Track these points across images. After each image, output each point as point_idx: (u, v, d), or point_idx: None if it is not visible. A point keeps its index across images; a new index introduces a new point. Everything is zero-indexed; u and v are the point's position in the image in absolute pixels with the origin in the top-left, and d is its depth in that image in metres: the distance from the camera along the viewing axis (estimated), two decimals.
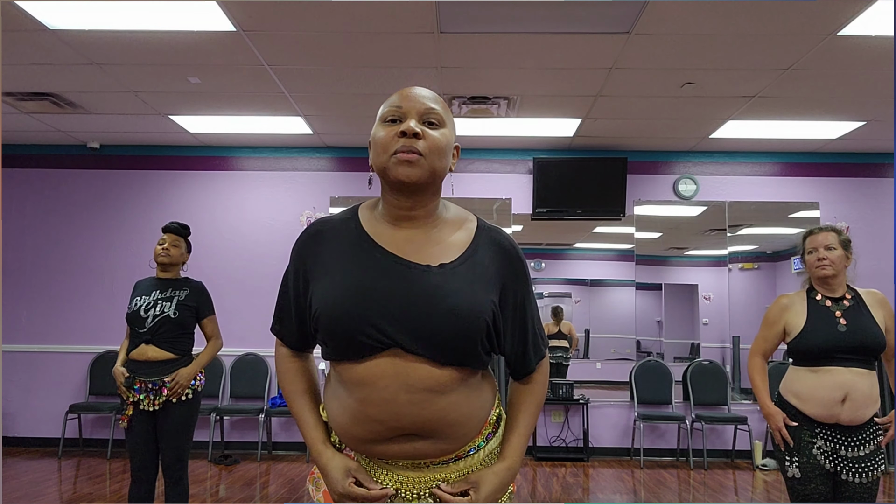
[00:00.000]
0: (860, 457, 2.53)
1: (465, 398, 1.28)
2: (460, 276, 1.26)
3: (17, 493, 4.68)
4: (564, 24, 3.82)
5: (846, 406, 2.50)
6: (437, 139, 1.27)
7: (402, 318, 1.22)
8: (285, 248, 6.31)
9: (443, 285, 1.24)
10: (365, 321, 1.22)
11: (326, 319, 1.26)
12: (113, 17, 3.81)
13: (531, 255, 6.54)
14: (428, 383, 1.23)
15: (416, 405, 1.23)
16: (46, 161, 6.46)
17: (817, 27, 3.78)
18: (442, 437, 1.27)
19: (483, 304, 1.26)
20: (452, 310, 1.22)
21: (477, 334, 1.24)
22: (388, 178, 1.27)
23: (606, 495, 5.05)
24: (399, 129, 1.25)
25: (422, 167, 1.25)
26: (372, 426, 1.25)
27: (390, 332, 1.22)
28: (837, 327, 2.55)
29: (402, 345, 1.22)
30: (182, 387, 3.28)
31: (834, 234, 2.65)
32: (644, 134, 5.94)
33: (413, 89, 1.31)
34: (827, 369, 2.54)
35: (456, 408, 1.26)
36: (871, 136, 5.80)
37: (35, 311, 6.30)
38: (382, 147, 1.27)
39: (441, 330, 1.21)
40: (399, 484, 1.30)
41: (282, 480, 5.22)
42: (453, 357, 1.24)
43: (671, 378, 6.23)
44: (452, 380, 1.25)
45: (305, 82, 4.75)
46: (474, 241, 1.32)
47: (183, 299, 3.37)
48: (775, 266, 6.60)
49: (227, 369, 6.21)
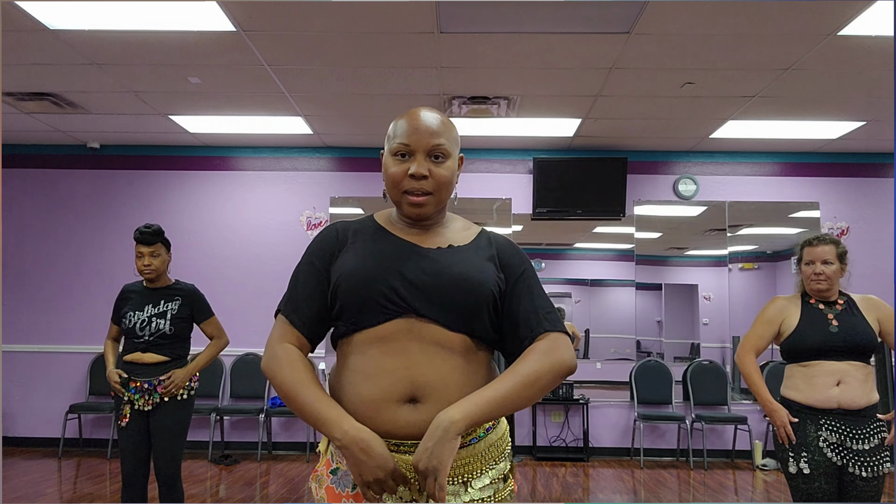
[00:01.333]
0: (866, 450, 2.57)
1: (469, 367, 1.35)
2: (466, 252, 1.42)
3: (17, 493, 4.68)
4: (564, 24, 3.82)
5: (841, 388, 2.58)
6: (443, 175, 1.40)
7: (417, 283, 1.34)
8: (285, 248, 6.30)
9: (452, 259, 1.39)
10: (384, 283, 1.34)
11: (347, 284, 1.36)
12: (113, 17, 3.81)
13: (531, 255, 6.48)
14: (439, 339, 1.33)
15: (425, 354, 1.32)
16: (46, 161, 6.46)
17: (817, 27, 3.78)
18: (444, 402, 1.28)
19: (489, 275, 1.39)
20: (462, 275, 1.36)
21: (483, 300, 1.36)
22: (401, 212, 1.44)
23: (606, 495, 5.05)
24: (408, 170, 1.37)
25: (430, 205, 1.40)
26: (385, 378, 1.31)
27: (406, 295, 1.33)
28: (829, 328, 2.64)
29: (417, 308, 1.33)
30: (177, 386, 3.23)
31: (832, 248, 2.70)
32: (644, 134, 5.94)
33: (420, 121, 1.39)
34: (818, 363, 2.64)
35: (462, 372, 1.33)
36: (871, 136, 5.80)
37: (35, 311, 6.30)
38: (394, 183, 1.40)
39: (452, 293, 1.34)
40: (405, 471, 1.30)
41: (282, 480, 5.22)
42: (462, 322, 1.34)
43: (671, 378, 6.23)
44: (460, 345, 1.34)
45: (305, 82, 4.75)
46: (477, 237, 1.48)
47: (176, 311, 3.30)
48: (775, 266, 6.60)
49: (227, 369, 6.21)
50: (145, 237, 3.26)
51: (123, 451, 3.27)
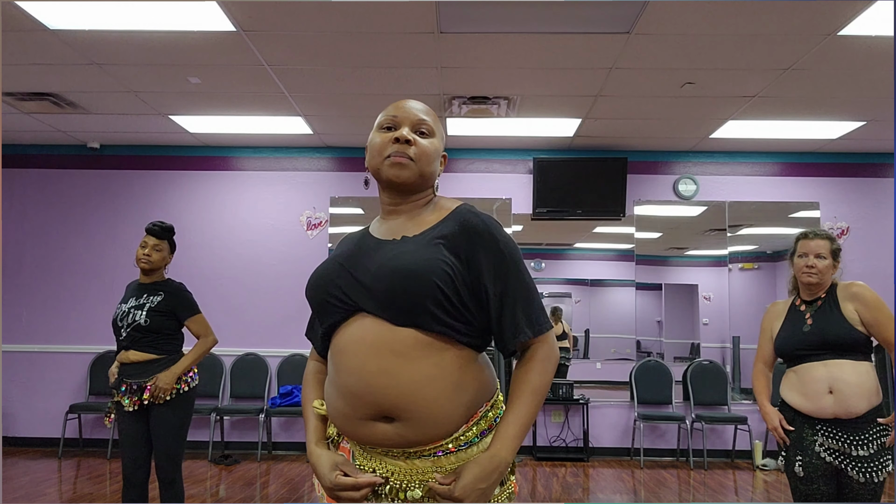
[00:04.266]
0: (864, 456, 2.53)
1: (439, 375, 1.29)
2: (413, 243, 1.36)
3: (17, 493, 4.68)
4: (564, 24, 3.82)
5: (834, 398, 2.54)
6: (427, 147, 1.42)
7: (361, 280, 1.35)
8: (285, 247, 6.31)
9: (396, 251, 1.35)
10: (331, 284, 1.38)
11: (308, 289, 1.44)
12: (113, 17, 3.81)
13: (531, 255, 6.54)
14: (391, 345, 1.29)
15: (385, 374, 1.28)
16: (46, 161, 6.46)
17: (817, 27, 3.78)
18: (418, 418, 1.28)
19: (430, 264, 1.30)
20: (397, 268, 1.31)
21: (422, 290, 1.28)
22: (381, 177, 1.42)
23: (606, 495, 5.05)
24: (393, 135, 1.41)
25: (411, 170, 1.39)
26: (351, 400, 1.32)
27: (351, 294, 1.35)
28: (803, 328, 2.64)
29: (363, 306, 1.33)
30: (162, 391, 3.19)
31: (826, 243, 2.69)
32: (644, 134, 5.94)
33: (408, 102, 1.47)
34: (803, 366, 2.62)
35: (430, 383, 1.28)
36: (871, 136, 5.80)
37: (35, 311, 6.30)
38: (378, 150, 1.42)
39: (387, 287, 1.31)
40: (389, 473, 1.31)
41: (282, 480, 5.22)
42: (405, 316, 1.29)
43: (671, 378, 6.23)
44: (415, 345, 1.29)
45: (305, 82, 4.75)
46: (443, 220, 1.39)
47: (155, 305, 3.27)
48: (775, 266, 6.59)
49: (227, 369, 6.21)
50: (155, 230, 3.33)
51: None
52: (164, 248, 3.34)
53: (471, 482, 1.26)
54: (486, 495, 1.26)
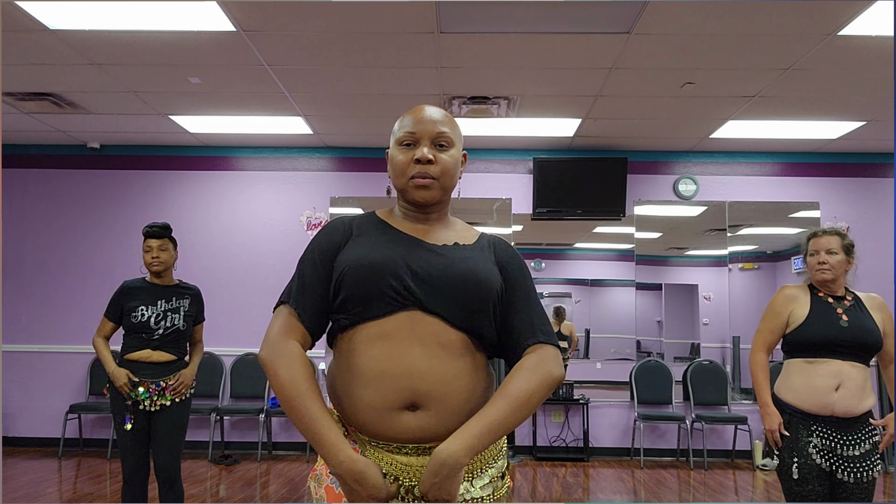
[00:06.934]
0: (855, 456, 2.54)
1: (471, 371, 1.35)
2: (472, 251, 1.44)
3: (17, 493, 4.68)
4: (564, 24, 3.82)
5: (840, 394, 2.54)
6: (448, 162, 1.43)
7: (424, 276, 1.34)
8: (285, 247, 6.30)
9: (458, 255, 1.41)
10: (390, 272, 1.34)
11: (356, 274, 1.35)
12: (113, 17, 3.81)
13: (531, 255, 6.54)
14: (438, 338, 1.32)
15: (427, 359, 1.31)
16: (46, 161, 6.46)
17: (817, 27, 3.78)
18: (444, 408, 1.30)
19: (493, 274, 1.41)
20: (470, 271, 1.37)
21: (488, 297, 1.37)
22: (407, 198, 1.45)
23: (606, 495, 5.05)
24: (414, 155, 1.41)
25: (435, 189, 1.42)
26: (383, 385, 1.30)
27: (411, 287, 1.33)
28: (840, 322, 2.60)
29: (421, 301, 1.33)
30: (186, 386, 3.34)
31: (837, 239, 2.69)
32: (644, 134, 5.94)
33: (425, 112, 1.45)
34: (824, 360, 2.59)
35: (463, 376, 1.33)
36: (871, 136, 5.80)
37: (35, 311, 6.30)
38: (400, 171, 1.43)
39: (458, 288, 1.34)
40: (399, 472, 1.31)
41: (282, 480, 5.22)
42: (465, 318, 1.34)
43: (671, 378, 6.23)
44: (462, 345, 1.34)
45: (305, 82, 4.75)
46: (479, 239, 1.50)
47: (188, 309, 3.42)
48: (775, 266, 6.60)
49: (227, 369, 6.21)
50: (155, 231, 3.39)
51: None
52: (169, 246, 3.42)
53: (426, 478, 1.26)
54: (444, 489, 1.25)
